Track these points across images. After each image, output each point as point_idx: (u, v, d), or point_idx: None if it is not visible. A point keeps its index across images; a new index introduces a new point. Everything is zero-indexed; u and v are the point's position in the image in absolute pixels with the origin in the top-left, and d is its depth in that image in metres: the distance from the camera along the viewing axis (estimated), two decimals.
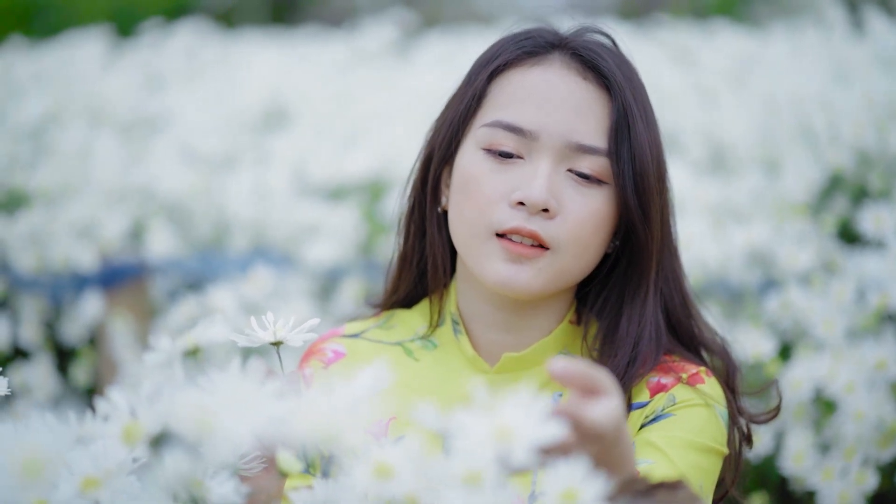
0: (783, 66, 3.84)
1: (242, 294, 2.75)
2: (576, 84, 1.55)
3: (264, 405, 0.85)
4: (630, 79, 1.56)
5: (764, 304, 2.57)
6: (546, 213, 1.51)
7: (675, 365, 1.58)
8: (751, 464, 2.38)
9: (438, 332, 1.66)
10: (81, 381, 3.16)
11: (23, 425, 1.03)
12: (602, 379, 1.11)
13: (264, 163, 3.50)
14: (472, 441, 0.97)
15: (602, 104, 1.54)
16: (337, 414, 0.89)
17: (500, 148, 1.54)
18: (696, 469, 1.50)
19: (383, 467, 1.01)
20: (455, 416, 0.98)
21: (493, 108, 1.57)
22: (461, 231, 1.56)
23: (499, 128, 1.54)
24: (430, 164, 1.64)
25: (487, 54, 1.62)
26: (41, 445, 0.80)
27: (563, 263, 1.53)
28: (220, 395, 0.85)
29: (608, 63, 1.55)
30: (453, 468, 0.98)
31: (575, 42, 1.58)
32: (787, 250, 2.56)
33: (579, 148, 1.52)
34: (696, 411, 1.54)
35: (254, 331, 1.29)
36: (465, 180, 1.56)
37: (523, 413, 0.97)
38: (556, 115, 1.53)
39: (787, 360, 2.45)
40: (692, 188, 2.97)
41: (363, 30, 4.94)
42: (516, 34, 1.62)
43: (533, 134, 1.53)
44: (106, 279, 3.10)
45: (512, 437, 0.97)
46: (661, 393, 1.55)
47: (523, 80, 1.57)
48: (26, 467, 0.77)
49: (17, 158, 3.49)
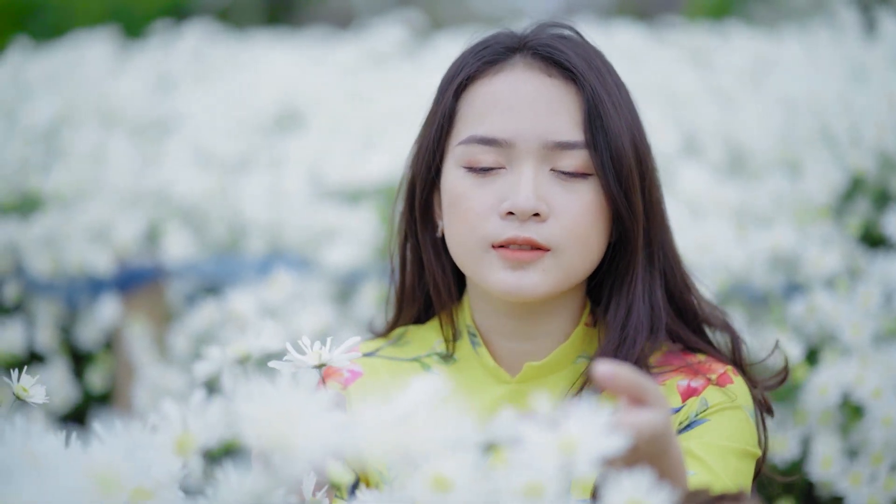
0: (798, 68, 3.82)
1: (262, 298, 2.73)
2: (541, 83, 1.54)
3: (332, 419, 0.83)
4: (595, 66, 1.55)
5: (787, 309, 2.55)
6: (538, 218, 1.50)
7: (702, 366, 1.58)
8: (779, 469, 2.36)
9: (455, 346, 1.65)
10: (97, 386, 3.14)
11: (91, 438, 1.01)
12: (650, 388, 1.10)
13: (279, 165, 3.48)
14: (535, 453, 0.95)
15: (571, 97, 1.53)
16: (413, 425, 0.87)
17: (480, 164, 1.53)
18: (735, 474, 1.49)
19: (441, 480, 0.99)
20: (519, 427, 0.97)
21: (465, 125, 1.56)
22: (459, 251, 1.56)
23: (474, 143, 1.53)
24: (415, 190, 1.63)
25: (451, 71, 1.61)
26: (113, 460, 0.77)
27: (567, 261, 1.52)
28: (282, 408, 0.83)
29: (570, 55, 1.55)
30: (514, 480, 0.97)
31: (534, 41, 1.57)
32: (812, 254, 2.54)
33: (557, 146, 1.51)
34: (728, 415, 1.53)
35: (295, 355, 1.27)
36: (452, 200, 1.55)
37: (587, 424, 0.96)
38: (528, 118, 1.52)
39: (813, 364, 2.43)
40: (712, 191, 2.95)
41: (371, 31, 4.92)
42: (475, 45, 1.61)
43: (508, 142, 1.52)
44: (122, 283, 3.08)
45: (576, 449, 0.95)
46: (693, 397, 1.55)
47: (489, 90, 1.56)
48: (101, 482, 0.75)
49: (29, 161, 3.47)
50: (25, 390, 1.30)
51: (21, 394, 1.30)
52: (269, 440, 0.80)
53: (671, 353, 1.60)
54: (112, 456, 0.77)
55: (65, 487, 0.70)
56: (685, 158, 3.24)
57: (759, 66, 4.00)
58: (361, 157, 3.28)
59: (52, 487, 0.69)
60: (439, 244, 1.63)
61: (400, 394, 1.00)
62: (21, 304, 3.16)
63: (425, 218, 1.63)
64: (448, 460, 0.98)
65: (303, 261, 3.08)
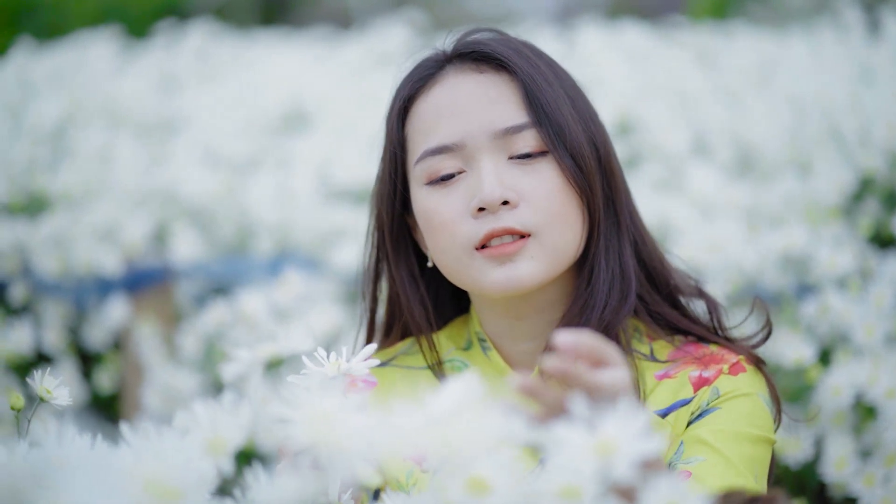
0: (804, 68, 3.82)
1: (273, 298, 2.73)
2: (474, 80, 1.56)
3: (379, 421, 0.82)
4: (522, 51, 1.58)
5: (799, 309, 2.54)
6: (509, 206, 1.51)
7: (715, 356, 1.58)
8: (791, 470, 2.36)
9: (467, 354, 1.66)
10: (106, 387, 3.13)
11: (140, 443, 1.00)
12: (609, 350, 1.13)
13: (286, 165, 3.47)
14: (572, 455, 0.95)
15: (507, 85, 1.56)
16: (453, 426, 0.87)
17: (440, 174, 1.54)
18: (748, 461, 1.49)
19: (478, 482, 0.98)
20: (554, 429, 0.96)
21: (416, 145, 1.58)
22: (447, 265, 1.57)
23: (427, 157, 1.55)
24: (383, 227, 1.64)
25: (390, 102, 1.63)
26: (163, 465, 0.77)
27: (550, 242, 1.52)
28: (327, 410, 0.82)
29: (495, 47, 1.58)
30: (550, 483, 0.96)
31: (458, 47, 1.60)
32: (825, 254, 2.54)
33: (506, 132, 1.53)
34: (740, 402, 1.53)
35: (313, 367, 1.25)
36: (425, 219, 1.56)
37: (624, 426, 0.95)
38: (471, 115, 1.54)
39: (826, 365, 2.42)
40: (721, 191, 2.94)
41: (373, 31, 4.91)
42: (407, 73, 1.63)
43: (459, 144, 1.53)
44: (131, 283, 3.07)
45: (613, 452, 0.95)
46: (705, 387, 1.54)
47: (428, 105, 1.58)
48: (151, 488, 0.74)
49: (35, 161, 3.46)
50: (49, 391, 1.30)
51: (44, 395, 1.30)
52: (315, 442, 0.79)
53: (684, 345, 1.60)
54: (162, 461, 0.76)
55: (115, 494, 0.69)
56: (694, 158, 3.24)
57: (765, 66, 3.99)
58: (370, 157, 3.27)
59: (103, 494, 0.68)
60: (416, 275, 1.64)
61: (434, 395, 1.00)
62: (29, 304, 3.15)
63: (397, 252, 1.64)
64: (485, 462, 0.97)
65: (311, 261, 3.07)
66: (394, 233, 1.64)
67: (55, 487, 0.71)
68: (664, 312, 1.61)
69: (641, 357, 1.59)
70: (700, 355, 1.58)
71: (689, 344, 1.61)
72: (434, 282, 1.67)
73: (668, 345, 1.61)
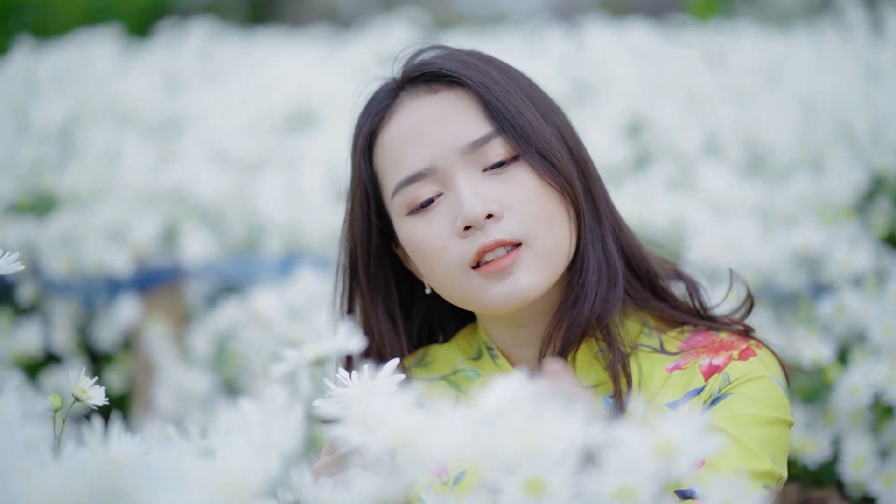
0: (809, 67, 3.82)
1: (286, 298, 2.71)
2: (430, 102, 1.55)
3: (462, 422, 0.81)
4: (470, 62, 1.57)
5: (814, 309, 2.54)
6: (494, 219, 1.50)
7: (724, 343, 1.57)
8: (809, 469, 2.35)
9: (477, 364, 1.65)
10: (116, 387, 3.12)
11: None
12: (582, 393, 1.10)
13: (294, 165, 3.46)
14: (631, 456, 0.94)
15: (464, 98, 1.55)
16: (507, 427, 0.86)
17: (418, 202, 1.53)
18: (765, 443, 1.48)
19: (534, 482, 0.97)
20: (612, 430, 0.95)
21: (388, 178, 1.56)
22: (445, 287, 1.56)
23: (402, 188, 1.53)
24: (356, 263, 1.63)
25: (352, 141, 1.62)
26: (240, 469, 0.76)
27: (542, 247, 1.51)
28: (406, 411, 0.81)
29: (442, 64, 1.57)
30: (607, 484, 0.95)
31: (406, 72, 1.59)
32: (841, 253, 2.53)
33: (473, 145, 1.52)
34: (752, 385, 1.52)
35: (337, 389, 1.22)
36: (415, 249, 1.55)
37: (684, 427, 0.94)
38: (435, 137, 1.53)
39: (843, 365, 2.42)
40: (734, 191, 2.94)
41: (372, 30, 4.90)
42: (362, 107, 1.62)
43: (430, 169, 1.52)
44: (140, 283, 3.06)
45: (674, 452, 0.94)
46: (716, 375, 1.53)
47: (391, 137, 1.57)
48: (230, 491, 0.73)
49: (42, 160, 3.44)
50: (84, 392, 1.29)
51: (80, 395, 1.28)
52: (393, 443, 0.78)
53: (693, 335, 1.60)
54: (241, 463, 0.75)
55: (195, 498, 0.68)
56: (705, 158, 3.23)
57: (771, 65, 3.99)
58: None
59: (182, 498, 0.67)
60: (394, 313, 1.63)
61: (483, 396, 0.99)
62: (37, 304, 3.14)
63: (374, 289, 1.63)
64: (540, 462, 0.96)
65: (321, 261, 3.06)
66: (370, 270, 1.62)
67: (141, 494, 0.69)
68: (650, 305, 1.61)
69: (650, 351, 1.58)
70: (709, 343, 1.57)
71: (698, 333, 1.60)
72: (433, 301, 1.65)
73: (678, 336, 1.60)
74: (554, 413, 0.89)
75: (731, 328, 1.60)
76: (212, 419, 2.67)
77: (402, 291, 1.65)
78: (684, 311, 1.61)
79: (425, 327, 1.71)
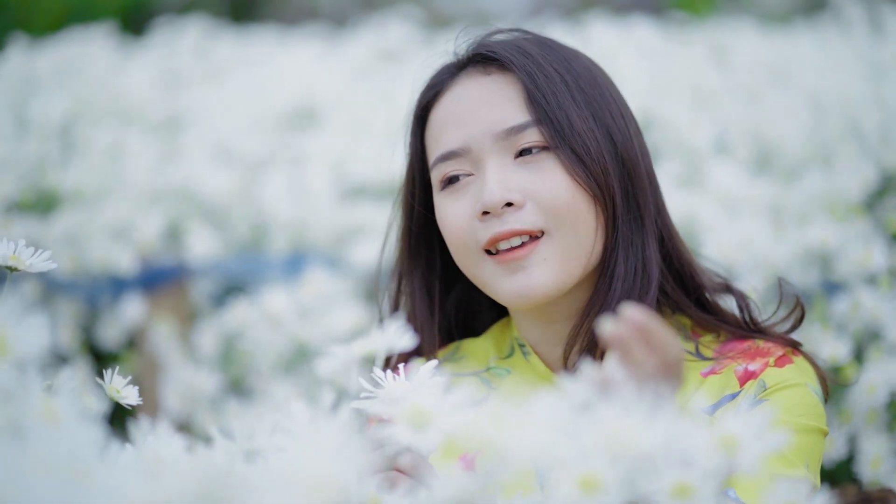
0: (813, 65, 3.81)
1: (297, 297, 2.69)
2: (480, 84, 1.57)
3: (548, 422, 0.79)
4: (527, 49, 1.58)
5: (827, 307, 2.53)
6: (514, 207, 1.50)
7: (761, 349, 1.56)
8: (825, 468, 2.34)
9: (509, 361, 1.64)
10: None
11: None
12: (659, 328, 1.11)
13: (299, 163, 3.44)
14: (695, 451, 0.93)
15: (512, 85, 1.56)
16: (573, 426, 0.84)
17: (448, 176, 1.55)
18: (798, 451, 1.47)
19: (589, 479, 0.96)
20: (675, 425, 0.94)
21: (431, 153, 1.59)
22: (462, 265, 1.58)
23: (439, 164, 1.56)
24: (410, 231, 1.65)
25: (412, 113, 1.64)
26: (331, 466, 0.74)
27: (562, 241, 1.51)
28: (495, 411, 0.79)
29: (500, 48, 1.58)
30: (664, 480, 0.94)
31: (470, 52, 1.61)
32: (856, 251, 2.52)
33: (508, 132, 1.53)
34: (788, 392, 1.51)
35: (374, 390, 1.20)
36: (441, 222, 1.58)
37: (746, 422, 0.93)
38: (475, 120, 1.55)
39: (858, 363, 2.41)
40: (744, 188, 2.93)
41: (370, 28, 4.88)
42: (426, 82, 1.64)
43: (464, 149, 1.54)
44: (145, 281, 3.03)
45: (737, 447, 0.92)
46: (751, 380, 1.52)
47: (441, 112, 1.59)
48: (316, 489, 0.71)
49: (44, 158, 3.41)
50: (118, 391, 1.27)
51: (114, 395, 1.26)
52: (480, 444, 0.76)
53: (729, 340, 1.59)
54: (324, 462, 0.73)
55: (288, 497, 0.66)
56: (715, 155, 3.22)
57: (775, 62, 3.98)
58: (384, 154, 3.24)
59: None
60: (432, 287, 1.65)
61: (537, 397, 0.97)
62: (42, 303, 3.11)
63: (414, 259, 1.66)
64: (597, 459, 0.95)
65: (327, 259, 3.04)
66: (412, 240, 1.65)
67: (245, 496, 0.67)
68: (689, 313, 1.59)
69: (685, 355, 1.57)
70: (745, 349, 1.57)
71: (734, 339, 1.59)
72: (471, 288, 1.65)
73: (714, 340, 1.59)
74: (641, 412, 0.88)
75: (779, 341, 1.58)
76: (220, 419, 2.65)
77: (443, 269, 1.66)
78: (732, 324, 1.60)
79: (461, 315, 1.70)
